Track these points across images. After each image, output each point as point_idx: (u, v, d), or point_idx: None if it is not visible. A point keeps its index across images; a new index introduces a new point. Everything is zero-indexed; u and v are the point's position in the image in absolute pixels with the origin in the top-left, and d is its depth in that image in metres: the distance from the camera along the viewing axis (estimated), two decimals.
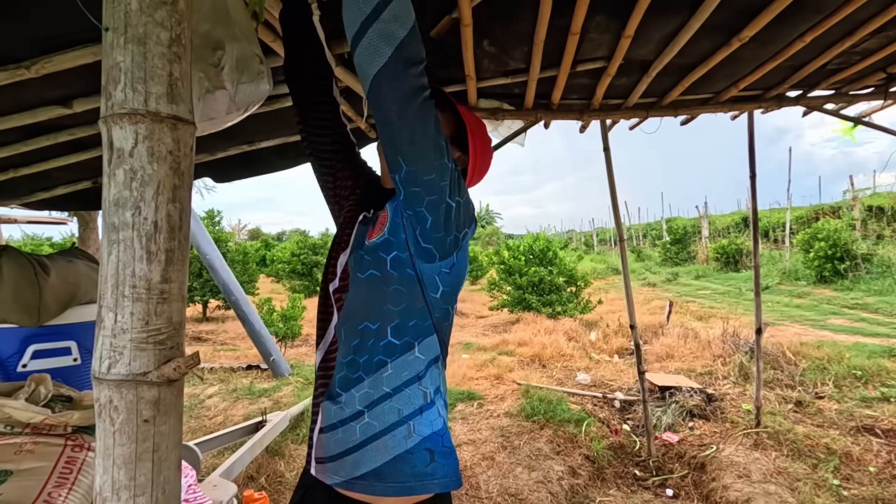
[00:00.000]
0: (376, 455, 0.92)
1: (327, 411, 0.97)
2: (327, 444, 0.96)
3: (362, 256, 0.98)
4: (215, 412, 4.09)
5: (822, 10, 2.09)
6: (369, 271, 0.96)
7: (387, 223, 0.98)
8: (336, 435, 0.95)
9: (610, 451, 3.41)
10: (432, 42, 2.26)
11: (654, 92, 2.97)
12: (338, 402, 0.96)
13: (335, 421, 0.96)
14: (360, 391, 0.94)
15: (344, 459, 0.94)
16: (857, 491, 2.74)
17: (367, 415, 0.94)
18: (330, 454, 0.96)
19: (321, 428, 0.99)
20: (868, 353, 4.76)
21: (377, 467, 0.92)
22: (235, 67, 0.91)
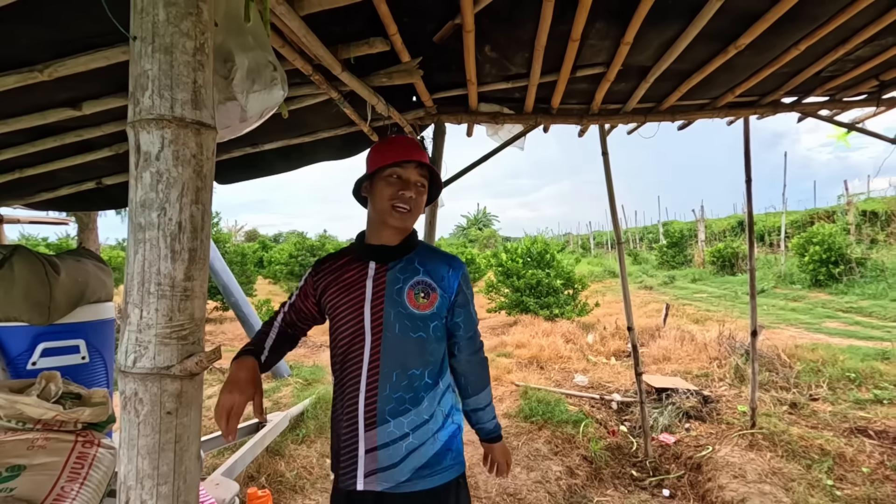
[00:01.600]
0: (416, 460, 1.26)
1: (380, 434, 1.25)
2: (380, 458, 1.24)
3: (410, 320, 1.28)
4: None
5: (817, 18, 2.14)
6: (419, 333, 1.28)
7: (436, 303, 1.30)
8: (387, 451, 1.24)
9: (607, 452, 3.45)
10: (435, 47, 2.30)
11: (652, 97, 3.02)
12: (387, 426, 1.25)
13: (387, 441, 1.25)
14: (406, 418, 1.26)
15: (394, 469, 1.24)
16: (850, 491, 2.78)
17: (411, 436, 1.26)
18: (381, 466, 1.24)
19: (368, 449, 1.25)
20: (862, 355, 4.81)
21: (418, 467, 1.26)
22: (247, 77, 0.93)
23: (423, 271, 1.32)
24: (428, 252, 1.38)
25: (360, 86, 1.89)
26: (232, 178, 2.96)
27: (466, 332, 1.38)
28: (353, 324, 1.28)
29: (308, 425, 3.79)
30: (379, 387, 1.24)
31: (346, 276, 1.33)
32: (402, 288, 1.28)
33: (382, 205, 1.29)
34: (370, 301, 1.27)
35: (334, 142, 2.84)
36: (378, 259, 1.32)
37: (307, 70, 1.68)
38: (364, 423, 1.24)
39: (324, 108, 2.31)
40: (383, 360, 1.25)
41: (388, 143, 1.36)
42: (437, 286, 1.31)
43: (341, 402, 1.31)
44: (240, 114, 0.96)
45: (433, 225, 3.11)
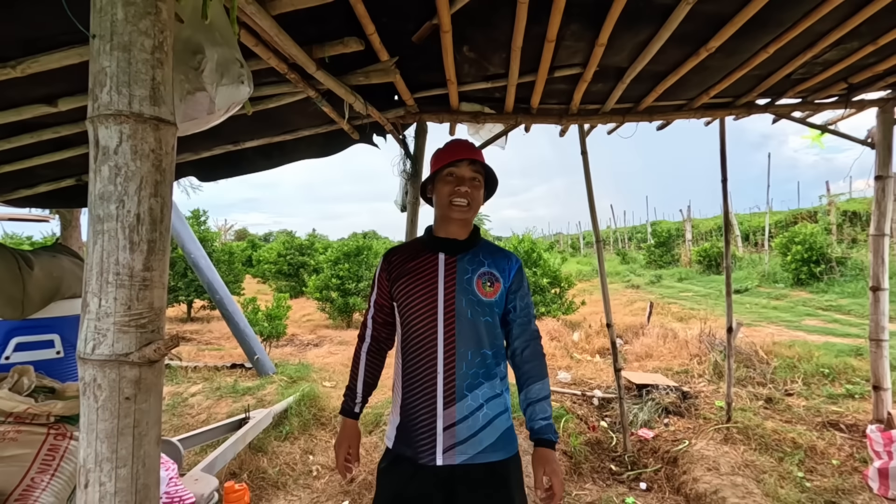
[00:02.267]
0: (492, 433, 1.38)
1: (459, 409, 1.36)
2: (458, 432, 1.36)
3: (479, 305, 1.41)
4: (198, 410, 4.10)
5: (783, 23, 2.21)
6: (486, 318, 1.41)
7: (499, 291, 1.44)
8: (466, 423, 1.36)
9: (587, 447, 3.50)
10: (414, 47, 2.33)
11: (629, 98, 3.07)
12: (465, 400, 1.37)
13: (466, 414, 1.37)
14: (481, 391, 1.39)
15: (472, 440, 1.36)
16: (819, 482, 2.86)
17: (485, 406, 1.39)
18: (461, 439, 1.36)
19: (446, 426, 1.36)
20: (836, 352, 4.92)
21: (495, 442, 1.38)
22: (216, 70, 0.96)
23: (487, 263, 1.46)
24: (490, 247, 1.54)
25: (336, 84, 1.92)
26: (213, 176, 2.97)
27: (523, 317, 1.48)
28: (426, 309, 1.40)
29: (292, 422, 3.81)
30: (456, 365, 1.37)
31: (418, 266, 1.46)
32: (471, 277, 1.42)
33: (443, 201, 1.45)
34: (443, 289, 1.40)
35: (315, 140, 2.86)
36: (447, 251, 1.46)
37: (282, 69, 1.70)
38: (443, 400, 1.36)
39: (302, 107, 2.33)
40: (458, 341, 1.38)
41: (444, 147, 1.52)
42: (500, 276, 1.45)
43: (416, 382, 1.41)
44: (208, 105, 0.99)
45: (414, 223, 3.14)
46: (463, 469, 1.36)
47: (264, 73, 1.85)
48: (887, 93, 3.11)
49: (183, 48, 0.92)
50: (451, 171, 1.44)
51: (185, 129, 1.04)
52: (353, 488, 3.11)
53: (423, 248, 1.50)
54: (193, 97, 0.96)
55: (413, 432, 1.40)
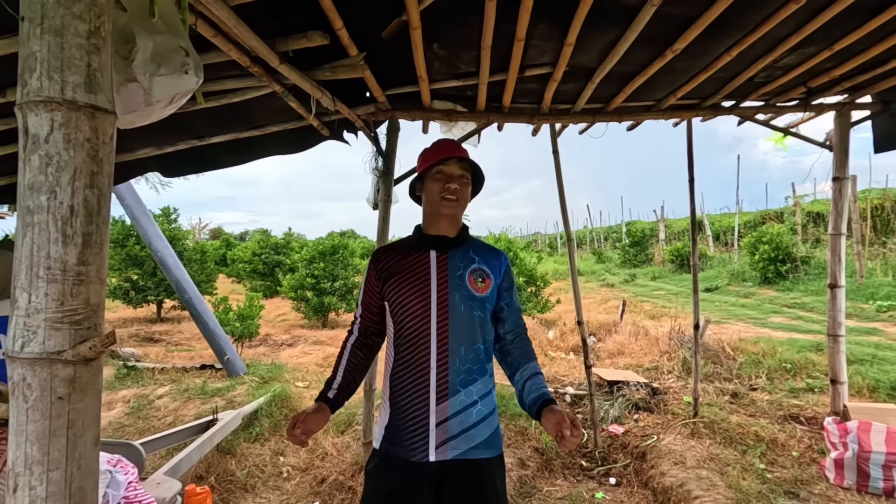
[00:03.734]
0: (484, 430, 1.39)
1: (452, 404, 1.36)
2: (451, 427, 1.36)
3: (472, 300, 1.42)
4: (165, 412, 3.99)
5: (745, 26, 2.26)
6: (478, 313, 1.43)
7: (490, 286, 1.46)
8: (459, 418, 1.36)
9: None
10: (384, 44, 2.31)
11: (599, 98, 3.11)
12: (459, 395, 1.37)
13: (458, 409, 1.37)
14: (475, 387, 1.40)
15: (464, 435, 1.36)
16: (779, 473, 2.95)
17: (479, 403, 1.40)
18: (453, 434, 1.36)
19: (439, 421, 1.36)
20: (799, 347, 5.09)
21: (487, 440, 1.40)
22: (150, 60, 0.93)
23: (478, 260, 1.49)
24: (479, 244, 1.57)
25: (301, 79, 1.88)
26: (178, 171, 2.89)
27: (511, 312, 1.52)
28: (419, 306, 1.41)
29: (262, 423, 3.74)
30: (449, 361, 1.38)
31: (409, 264, 1.47)
32: (463, 274, 1.44)
33: (433, 198, 1.46)
34: (436, 285, 1.42)
35: (284, 136, 2.81)
36: (438, 248, 1.47)
37: (245, 62, 1.67)
38: (436, 396, 1.37)
39: (269, 101, 2.29)
40: (451, 336, 1.38)
41: (432, 147, 1.53)
42: (491, 273, 1.48)
43: (408, 379, 1.41)
44: (143, 97, 0.95)
45: (386, 221, 3.13)
46: (453, 465, 1.37)
47: (226, 66, 1.81)
48: (844, 97, 3.22)
49: (115, 37, 0.89)
50: (440, 169, 1.46)
51: (129, 122, 1.00)
52: (323, 489, 3.08)
53: (414, 247, 1.51)
54: (126, 88, 0.93)
55: (405, 430, 1.39)
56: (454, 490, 1.36)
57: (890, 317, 7.40)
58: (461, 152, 1.51)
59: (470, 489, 1.37)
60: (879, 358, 4.56)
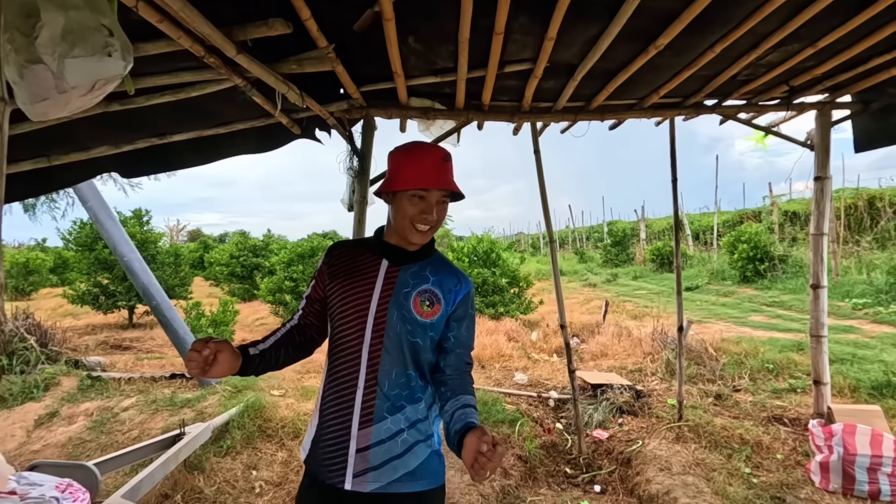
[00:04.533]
0: (410, 460, 1.25)
1: (375, 432, 1.23)
2: (372, 457, 1.23)
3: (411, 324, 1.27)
4: (130, 426, 3.78)
5: (728, 22, 2.20)
6: (416, 339, 1.28)
7: (438, 313, 1.31)
8: (382, 448, 1.23)
9: (542, 451, 3.45)
10: (357, 37, 2.19)
11: (581, 96, 3.03)
12: (385, 423, 1.24)
13: (383, 437, 1.24)
14: (403, 415, 1.26)
15: (386, 467, 1.23)
16: (765, 478, 2.91)
17: (406, 432, 1.26)
18: (373, 465, 1.23)
19: (360, 448, 1.23)
20: (780, 347, 5.11)
21: (412, 469, 1.25)
22: (62, 39, 0.79)
23: (432, 280, 1.33)
24: (441, 263, 1.39)
25: (264, 72, 1.75)
26: (137, 171, 2.72)
27: (457, 345, 1.35)
28: (355, 315, 1.28)
29: (234, 436, 3.57)
30: (378, 383, 1.25)
31: (357, 267, 1.34)
32: (409, 292, 1.30)
33: (403, 222, 1.29)
34: (377, 297, 1.28)
35: (252, 134, 2.66)
36: (392, 259, 1.33)
37: (198, 51, 1.53)
38: (359, 421, 1.24)
39: (233, 97, 2.15)
40: (384, 357, 1.26)
41: (415, 157, 1.29)
42: (443, 298, 1.32)
43: (335, 395, 1.28)
44: (54, 82, 0.81)
45: (362, 223, 3.00)
46: (371, 499, 1.23)
47: (181, 56, 1.66)
48: (825, 96, 3.20)
49: (15, 11, 0.75)
50: (420, 193, 1.27)
51: (41, 112, 0.86)
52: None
53: (369, 251, 1.37)
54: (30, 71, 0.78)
55: (325, 449, 1.27)
56: None
57: (865, 314, 7.53)
58: (448, 183, 1.30)
59: None
60: (859, 357, 4.59)
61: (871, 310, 7.59)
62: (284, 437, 3.68)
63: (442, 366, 1.34)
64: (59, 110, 0.86)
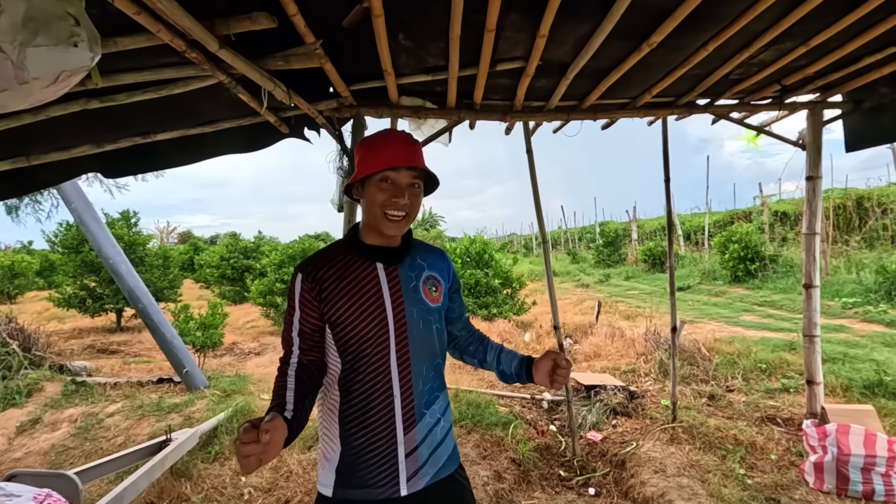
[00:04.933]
0: (448, 445, 1.32)
1: (419, 430, 1.25)
2: (420, 455, 1.24)
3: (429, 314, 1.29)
4: (116, 432, 3.70)
5: (722, 19, 2.18)
6: (436, 325, 1.31)
7: (443, 293, 1.35)
8: (426, 443, 1.26)
9: (536, 453, 3.41)
10: (346, 33, 2.14)
11: (573, 95, 3.01)
12: (424, 419, 1.26)
13: (426, 433, 1.26)
14: (438, 405, 1.31)
15: (432, 458, 1.27)
16: (759, 479, 2.89)
17: (442, 420, 1.31)
18: (423, 461, 1.25)
19: (408, 452, 1.23)
20: (772, 346, 5.12)
21: (451, 453, 1.32)
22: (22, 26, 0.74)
23: (427, 266, 1.35)
24: (424, 247, 1.42)
25: (248, 68, 1.70)
26: (121, 171, 2.66)
27: (462, 313, 1.48)
28: (373, 327, 1.22)
29: (222, 441, 3.50)
30: (413, 384, 1.24)
31: (355, 281, 1.25)
32: (416, 285, 1.30)
33: (376, 211, 1.23)
34: (390, 302, 1.24)
35: (239, 133, 2.60)
36: (385, 260, 1.29)
37: (180, 46, 1.47)
38: (403, 425, 1.23)
39: (217, 95, 2.09)
40: (413, 357, 1.24)
41: (378, 141, 1.26)
42: (441, 279, 1.37)
43: (366, 413, 1.22)
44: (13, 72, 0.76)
45: (352, 223, 2.94)
46: (424, 493, 1.25)
47: (162, 51, 1.60)
48: (816, 95, 3.20)
49: None
50: (387, 175, 1.22)
51: (1, 105, 0.80)
52: None
53: (356, 259, 1.27)
54: None
55: (367, 468, 1.21)
56: None
57: (855, 313, 7.59)
58: (415, 160, 1.24)
59: None
60: (851, 356, 4.61)
61: (861, 309, 7.65)
62: None
63: (456, 334, 1.47)
64: (19, 102, 0.81)
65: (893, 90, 2.97)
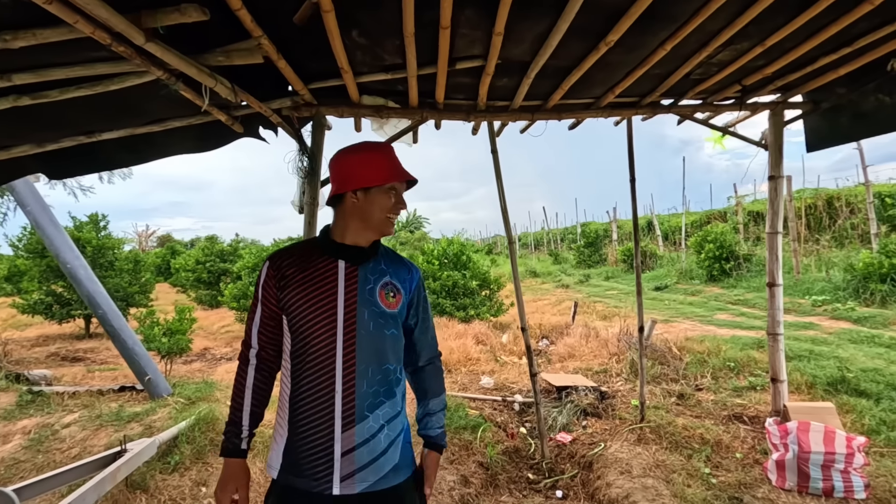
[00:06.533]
0: (394, 454, 1.30)
1: (359, 431, 1.25)
2: (358, 458, 1.25)
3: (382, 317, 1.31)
4: (71, 443, 3.55)
5: (675, 19, 2.17)
6: (391, 330, 1.33)
7: (401, 302, 1.36)
8: (367, 447, 1.25)
9: (504, 457, 3.38)
10: (300, 31, 2.08)
11: (537, 95, 2.99)
12: (366, 421, 1.26)
13: (367, 436, 1.26)
14: (382, 410, 1.28)
15: (373, 465, 1.26)
16: (724, 478, 2.89)
17: (387, 428, 1.29)
18: (360, 465, 1.25)
19: (345, 451, 1.24)
20: (742, 345, 5.17)
21: (396, 463, 1.30)
22: None
23: (389, 273, 1.38)
24: (391, 256, 1.45)
25: (182, 62, 1.62)
26: (66, 172, 2.56)
27: (423, 333, 1.45)
28: (324, 322, 1.28)
29: (182, 450, 3.39)
30: (356, 384, 1.26)
31: (314, 273, 1.33)
32: (373, 288, 1.33)
33: (380, 216, 1.34)
34: (343, 299, 1.29)
35: (190, 132, 2.52)
36: (349, 259, 1.34)
37: (103, 38, 1.39)
38: (342, 423, 1.25)
39: (160, 91, 2.00)
40: (359, 357, 1.27)
41: (383, 154, 1.38)
42: (401, 287, 1.38)
43: (310, 403, 1.27)
44: None
45: (313, 225, 2.88)
46: (360, 499, 1.25)
47: (92, 45, 1.52)
48: (777, 96, 3.23)
49: None
50: (395, 186, 1.37)
51: None
52: None
53: (320, 254, 1.35)
54: None
55: (305, 458, 1.25)
56: None
57: (825, 311, 7.74)
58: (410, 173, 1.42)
59: None
60: (816, 353, 4.68)
61: (830, 306, 7.81)
62: None
63: (415, 359, 1.45)
64: None
65: (851, 90, 3.01)
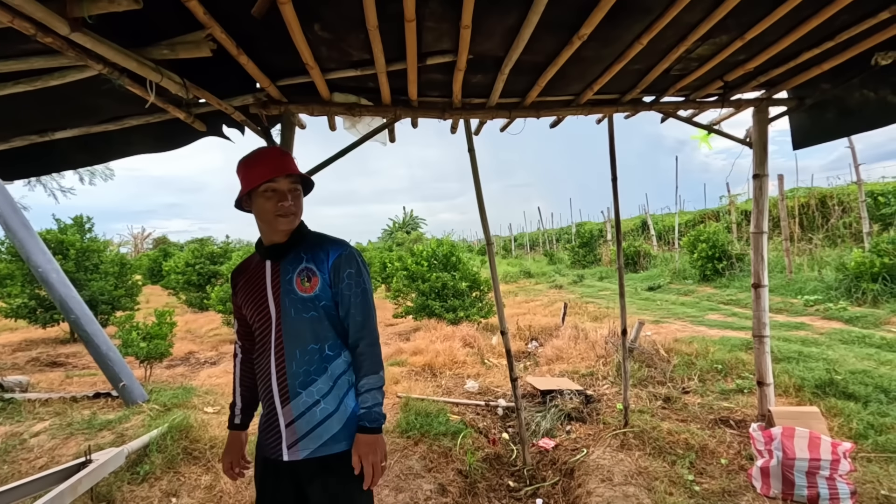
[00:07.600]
0: (333, 424, 1.44)
1: (294, 406, 1.44)
2: (298, 428, 1.43)
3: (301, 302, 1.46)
4: (38, 453, 3.44)
5: (651, 11, 2.09)
6: (311, 313, 1.47)
7: (318, 285, 1.48)
8: (304, 419, 1.43)
9: (485, 464, 3.28)
10: (259, 24, 1.99)
11: (514, 92, 2.90)
12: (300, 397, 1.44)
13: (302, 410, 1.44)
14: (315, 387, 1.45)
15: (311, 434, 1.43)
16: (707, 485, 2.81)
17: (322, 402, 1.45)
18: (300, 435, 1.43)
19: (287, 423, 1.44)
20: (730, 346, 5.09)
21: (335, 433, 1.44)
22: None
23: (306, 259, 1.51)
24: (313, 240, 1.56)
25: (120, 55, 1.53)
26: (19, 173, 2.45)
27: (347, 311, 1.50)
28: (260, 316, 1.51)
29: (153, 460, 3.28)
30: (286, 365, 1.45)
31: (251, 277, 1.56)
32: (291, 277, 1.48)
33: (267, 218, 1.48)
34: (271, 294, 1.49)
35: (150, 131, 2.42)
36: (273, 257, 1.52)
37: (26, 28, 1.30)
38: (280, 399, 1.46)
39: (110, 88, 1.90)
40: (286, 341, 1.46)
41: (255, 160, 1.49)
42: (317, 270, 1.49)
43: (260, 386, 1.53)
44: None
45: None
46: (306, 464, 1.44)
47: (18, 37, 1.42)
48: (761, 93, 3.16)
49: None
50: (269, 186, 1.46)
51: None
52: None
53: (257, 260, 1.57)
54: None
55: (264, 431, 1.51)
56: (313, 487, 1.44)
57: (817, 311, 7.68)
58: (291, 168, 1.50)
59: (327, 483, 1.43)
60: (805, 355, 4.61)
61: (822, 306, 7.76)
62: (212, 459, 3.41)
63: (349, 341, 1.52)
64: None
65: (835, 86, 2.94)
